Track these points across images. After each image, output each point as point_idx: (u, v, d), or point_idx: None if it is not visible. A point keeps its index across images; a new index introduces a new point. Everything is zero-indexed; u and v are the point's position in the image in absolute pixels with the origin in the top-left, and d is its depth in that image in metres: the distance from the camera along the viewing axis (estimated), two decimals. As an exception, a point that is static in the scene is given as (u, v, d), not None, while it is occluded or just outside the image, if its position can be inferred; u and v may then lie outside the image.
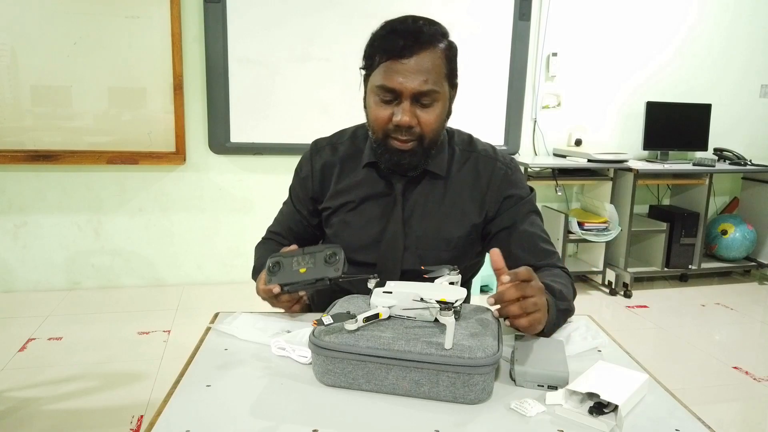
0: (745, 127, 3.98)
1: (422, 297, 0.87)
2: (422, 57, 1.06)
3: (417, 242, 1.19)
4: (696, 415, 0.80)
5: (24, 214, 3.12)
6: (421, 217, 1.19)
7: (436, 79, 1.08)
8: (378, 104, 1.10)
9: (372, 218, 1.20)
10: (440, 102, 1.11)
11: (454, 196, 1.20)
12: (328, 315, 0.85)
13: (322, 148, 1.27)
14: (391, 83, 1.06)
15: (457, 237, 1.19)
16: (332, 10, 3.16)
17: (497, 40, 3.41)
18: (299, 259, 1.03)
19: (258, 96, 3.17)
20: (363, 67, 1.14)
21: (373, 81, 1.10)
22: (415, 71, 1.06)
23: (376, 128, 1.12)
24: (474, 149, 1.24)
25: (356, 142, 1.25)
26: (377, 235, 1.20)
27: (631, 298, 3.39)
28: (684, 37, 3.73)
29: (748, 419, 2.16)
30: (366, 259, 1.20)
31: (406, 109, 1.08)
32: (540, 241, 1.19)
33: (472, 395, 0.80)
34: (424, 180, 1.20)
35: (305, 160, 1.29)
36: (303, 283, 1.01)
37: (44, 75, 2.94)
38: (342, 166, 1.24)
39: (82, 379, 2.21)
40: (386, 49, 1.07)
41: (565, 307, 1.05)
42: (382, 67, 1.08)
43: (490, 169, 1.21)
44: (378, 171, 1.21)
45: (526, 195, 1.22)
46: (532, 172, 3.45)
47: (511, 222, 1.19)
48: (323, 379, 0.85)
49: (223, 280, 3.38)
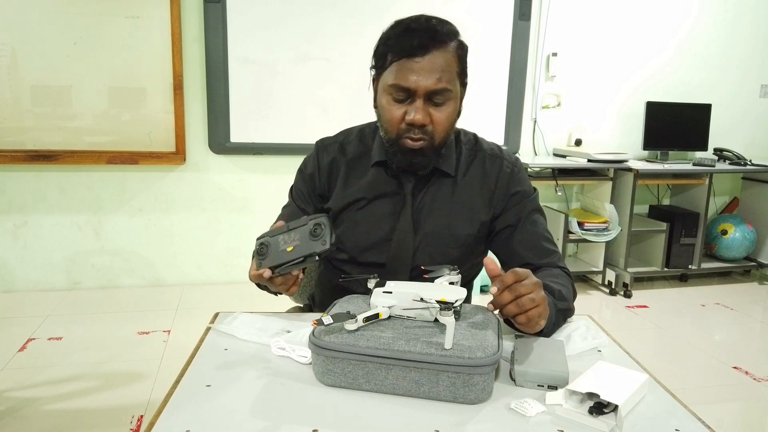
0: (745, 127, 3.98)
1: (422, 297, 0.87)
2: (436, 56, 1.07)
3: (426, 240, 1.19)
4: (696, 415, 0.80)
5: (24, 213, 3.12)
6: (431, 215, 1.19)
7: (449, 77, 1.08)
8: (391, 103, 1.10)
9: (381, 217, 1.20)
10: (452, 101, 1.11)
11: (463, 194, 1.20)
12: (328, 315, 0.85)
13: (329, 145, 1.27)
14: (405, 82, 1.06)
15: (466, 234, 1.20)
16: (332, 10, 3.16)
17: (497, 40, 3.41)
18: (285, 236, 0.98)
19: (258, 96, 3.17)
20: (373, 67, 1.14)
21: (386, 80, 1.10)
22: (429, 70, 1.06)
23: (389, 128, 1.12)
24: (480, 148, 1.25)
25: (364, 141, 1.25)
26: (386, 235, 1.19)
27: (631, 298, 3.39)
28: (684, 37, 3.73)
29: (748, 419, 2.16)
30: (375, 258, 1.20)
31: (420, 108, 1.07)
32: (542, 240, 1.20)
33: (472, 395, 0.80)
34: (433, 179, 1.20)
35: (310, 158, 1.28)
36: (292, 262, 0.96)
37: (44, 75, 2.94)
38: (350, 166, 1.23)
39: (82, 379, 2.21)
40: (400, 48, 1.07)
41: (564, 307, 1.05)
42: (394, 66, 1.08)
43: (497, 167, 1.22)
44: (387, 170, 1.21)
45: (530, 193, 1.23)
46: (532, 172, 3.45)
47: (515, 220, 1.20)
48: (323, 379, 0.85)
49: (223, 280, 3.38)
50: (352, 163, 1.24)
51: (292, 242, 0.97)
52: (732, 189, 4.07)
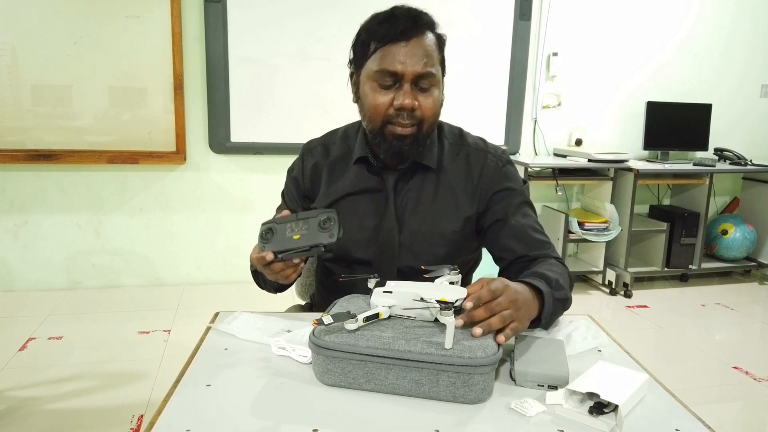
0: (746, 127, 3.98)
1: (422, 297, 0.87)
2: (421, 40, 1.08)
3: (411, 238, 1.18)
4: (696, 415, 0.80)
5: (24, 213, 3.12)
6: (415, 212, 1.19)
7: (433, 62, 1.09)
8: (376, 90, 1.10)
9: (365, 215, 1.20)
10: (436, 87, 1.11)
11: (446, 189, 1.19)
12: (328, 315, 0.85)
13: (314, 148, 1.28)
14: (392, 66, 1.07)
15: (451, 231, 1.18)
16: (332, 10, 3.16)
17: (497, 39, 3.41)
18: (293, 225, 0.99)
19: (258, 96, 3.17)
20: (352, 60, 1.16)
21: (370, 68, 1.10)
22: (415, 54, 1.07)
23: (375, 116, 1.11)
24: (464, 142, 1.23)
25: (348, 142, 1.26)
26: (372, 232, 1.19)
27: (632, 298, 3.39)
28: (684, 37, 3.73)
29: (748, 419, 2.16)
30: (362, 256, 1.19)
31: (408, 92, 1.08)
32: (533, 231, 1.18)
33: (472, 395, 0.80)
34: (416, 174, 1.19)
35: (297, 160, 1.30)
36: (297, 250, 0.97)
37: (45, 74, 2.94)
38: (332, 167, 1.24)
39: (82, 378, 2.21)
40: (384, 34, 1.08)
41: (561, 296, 1.04)
42: (379, 53, 1.08)
43: (481, 161, 1.21)
44: (368, 167, 1.21)
45: (518, 187, 1.21)
46: (533, 171, 3.45)
47: (503, 214, 1.18)
48: (323, 379, 0.85)
49: (223, 280, 3.38)
50: (335, 163, 1.24)
51: (300, 231, 0.98)
52: (732, 189, 4.07)
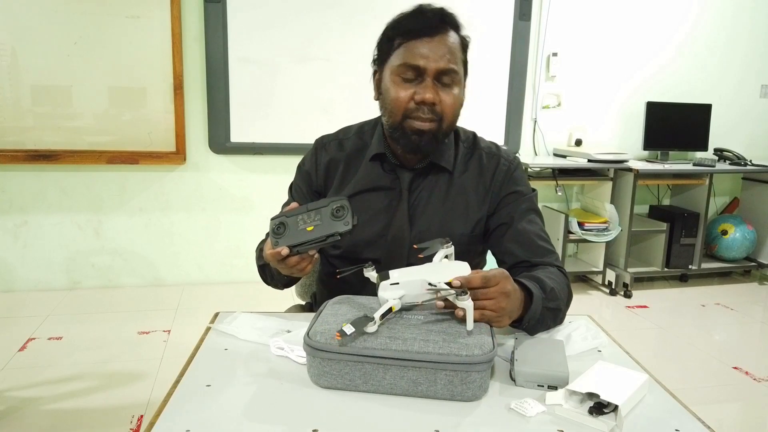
0: (745, 127, 3.98)
1: (429, 282, 0.86)
2: (445, 36, 1.09)
3: (421, 237, 1.17)
4: (696, 415, 0.80)
5: (24, 213, 3.12)
6: (426, 212, 1.19)
7: (456, 60, 1.10)
8: (398, 84, 1.10)
9: (377, 212, 1.19)
10: (458, 86, 1.12)
11: (458, 191, 1.20)
12: (348, 324, 0.82)
13: (328, 143, 1.26)
14: (415, 60, 1.07)
15: (461, 234, 1.18)
16: (332, 10, 3.16)
17: (497, 40, 3.41)
18: (304, 217, 0.98)
19: (258, 96, 3.17)
20: (375, 60, 1.15)
21: (393, 62, 1.11)
22: (439, 49, 1.07)
23: (396, 109, 1.11)
24: (478, 146, 1.24)
25: (363, 138, 1.25)
26: (382, 230, 1.19)
27: (631, 298, 3.38)
28: (684, 37, 3.73)
29: (748, 419, 2.16)
30: (371, 255, 1.19)
31: (429, 86, 1.08)
32: (537, 238, 1.17)
33: (469, 392, 0.80)
34: (430, 174, 1.20)
35: (309, 155, 1.28)
36: (313, 241, 0.95)
37: (44, 75, 2.94)
38: (348, 163, 1.23)
39: (82, 378, 2.21)
40: (410, 29, 1.08)
41: (553, 306, 1.03)
42: (403, 48, 1.09)
43: (494, 165, 1.22)
44: (383, 164, 1.21)
45: (527, 192, 1.22)
46: (533, 172, 3.45)
47: (509, 218, 1.19)
48: (319, 382, 0.84)
49: (223, 280, 3.38)
50: (350, 159, 1.24)
51: (312, 222, 0.97)
52: (732, 189, 4.07)
